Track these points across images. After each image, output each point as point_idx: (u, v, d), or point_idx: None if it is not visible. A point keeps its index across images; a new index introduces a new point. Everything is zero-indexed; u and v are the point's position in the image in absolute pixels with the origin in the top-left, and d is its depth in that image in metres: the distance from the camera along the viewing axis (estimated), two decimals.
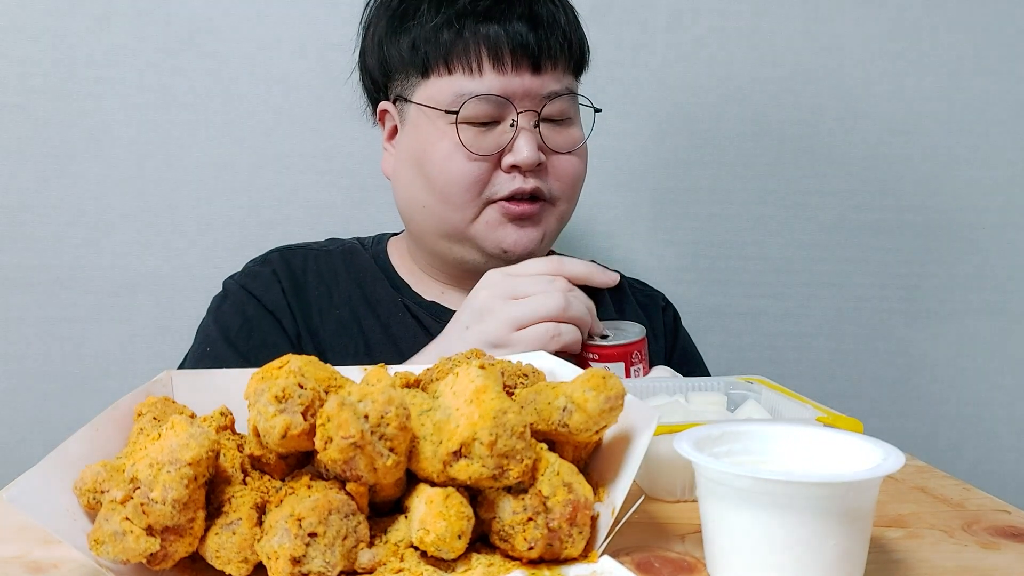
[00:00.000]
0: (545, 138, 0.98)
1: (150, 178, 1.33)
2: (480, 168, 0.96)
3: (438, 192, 0.98)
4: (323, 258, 1.10)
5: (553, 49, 0.97)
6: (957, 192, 1.48)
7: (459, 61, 0.96)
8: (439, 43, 0.96)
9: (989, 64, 1.46)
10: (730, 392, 0.77)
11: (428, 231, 1.03)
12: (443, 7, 0.97)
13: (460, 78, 0.96)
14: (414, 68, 0.99)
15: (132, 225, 1.33)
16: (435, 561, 0.51)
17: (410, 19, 0.98)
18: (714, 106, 1.43)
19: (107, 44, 1.30)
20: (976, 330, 1.50)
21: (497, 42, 0.95)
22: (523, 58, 0.95)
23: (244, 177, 1.35)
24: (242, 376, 0.53)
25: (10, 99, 1.29)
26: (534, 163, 0.96)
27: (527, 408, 0.55)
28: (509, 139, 0.96)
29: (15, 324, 1.32)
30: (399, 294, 1.07)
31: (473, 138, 0.96)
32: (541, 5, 0.98)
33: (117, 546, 0.47)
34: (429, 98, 0.98)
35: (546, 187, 0.98)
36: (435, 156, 0.98)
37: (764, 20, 1.42)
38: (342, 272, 1.08)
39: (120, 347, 1.34)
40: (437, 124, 0.97)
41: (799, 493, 0.48)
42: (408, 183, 1.02)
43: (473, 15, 0.95)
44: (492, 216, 0.98)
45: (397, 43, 1.00)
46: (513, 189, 0.96)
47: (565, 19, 1.00)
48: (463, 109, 0.95)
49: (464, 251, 1.02)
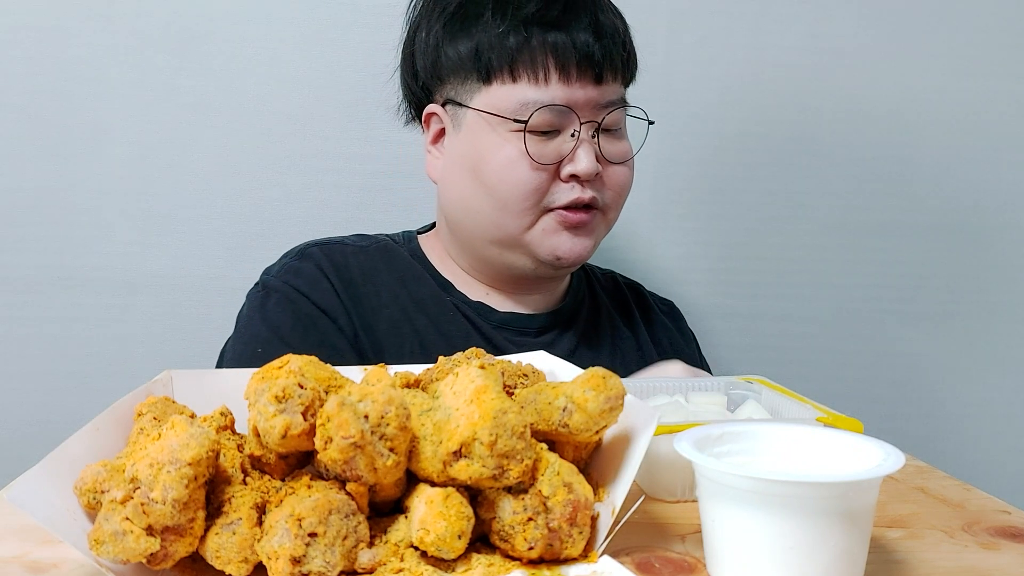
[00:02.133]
0: (601, 149, 0.98)
1: (150, 178, 1.33)
2: (540, 177, 0.96)
3: (496, 198, 0.97)
4: (361, 255, 1.07)
5: (614, 60, 0.97)
6: (957, 192, 1.48)
7: (525, 69, 0.95)
8: (505, 49, 0.95)
9: (990, 64, 1.46)
10: (730, 392, 0.77)
11: (479, 236, 1.01)
12: (509, 13, 0.95)
13: (525, 87, 0.95)
14: (475, 73, 0.97)
15: (132, 225, 1.33)
16: (435, 561, 0.51)
17: (472, 23, 0.97)
18: (715, 106, 1.42)
19: (107, 44, 1.30)
20: (976, 330, 1.50)
21: (564, 51, 0.94)
22: (587, 68, 0.95)
23: (245, 177, 1.35)
24: (242, 376, 0.53)
25: (10, 99, 1.29)
26: (593, 173, 0.96)
27: (527, 408, 0.55)
28: (570, 149, 0.96)
29: (15, 324, 1.32)
30: (446, 293, 1.05)
31: (536, 147, 0.95)
32: (604, 14, 0.98)
33: (117, 546, 0.47)
34: (491, 105, 0.97)
35: (600, 196, 0.99)
36: (495, 163, 0.96)
37: (765, 20, 1.42)
38: (383, 270, 1.06)
39: (120, 347, 1.34)
40: (499, 131, 0.96)
41: (799, 493, 0.48)
42: (460, 188, 1.01)
43: (540, 23, 0.94)
44: (548, 224, 0.98)
45: (456, 47, 0.98)
46: (572, 199, 0.96)
47: (623, 28, 1.00)
48: (531, 119, 0.94)
49: (515, 257, 1.01)
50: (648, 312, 1.17)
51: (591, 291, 1.14)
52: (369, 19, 1.33)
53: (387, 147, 1.35)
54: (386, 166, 1.35)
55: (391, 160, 1.35)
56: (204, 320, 1.34)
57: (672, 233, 1.43)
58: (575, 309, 1.10)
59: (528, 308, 1.07)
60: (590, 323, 1.10)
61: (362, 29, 1.33)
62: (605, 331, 1.10)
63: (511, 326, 1.05)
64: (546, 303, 1.08)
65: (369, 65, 1.31)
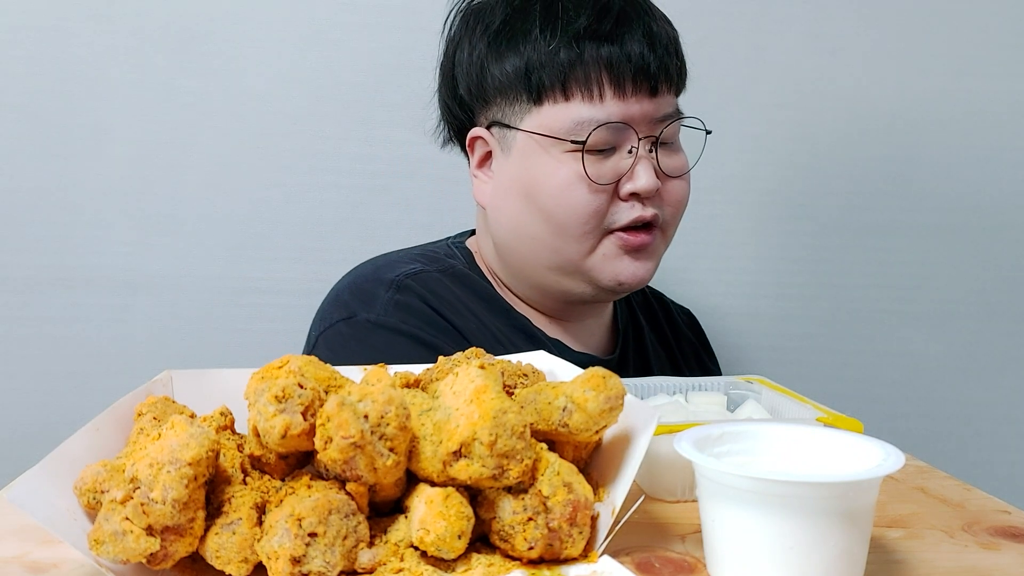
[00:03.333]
0: (661, 163, 0.94)
1: (150, 178, 1.33)
2: (600, 199, 0.92)
3: (555, 224, 0.93)
4: (449, 284, 1.00)
5: (670, 71, 0.93)
6: (957, 192, 1.48)
7: (577, 87, 0.91)
8: (556, 67, 0.90)
9: (990, 64, 1.46)
10: (730, 392, 0.77)
11: (536, 263, 0.97)
12: (560, 28, 0.91)
13: (578, 105, 0.91)
14: (524, 93, 0.93)
15: (132, 225, 1.33)
16: (435, 561, 0.51)
17: (520, 40, 0.92)
18: (714, 106, 1.42)
19: (107, 44, 1.30)
20: (976, 330, 1.50)
21: (619, 66, 0.90)
22: (643, 82, 0.91)
23: (245, 177, 1.35)
24: (242, 376, 0.53)
25: (10, 99, 1.29)
26: (654, 190, 0.92)
27: (527, 408, 0.55)
28: (628, 166, 0.92)
29: (15, 324, 1.32)
30: (535, 330, 1.01)
31: (593, 167, 0.91)
32: (657, 24, 0.94)
33: (117, 546, 0.47)
34: (543, 126, 0.92)
35: (661, 213, 0.95)
36: (551, 186, 0.92)
37: (765, 20, 1.42)
38: (473, 301, 1.00)
39: (120, 347, 1.34)
40: (553, 153, 0.92)
41: (799, 493, 0.48)
42: (513, 213, 0.96)
43: (593, 37, 0.90)
44: (609, 249, 0.94)
45: (502, 65, 0.93)
46: (633, 217, 0.92)
47: (675, 36, 0.96)
48: (589, 139, 0.91)
49: (574, 283, 0.97)
50: (676, 327, 1.16)
51: (634, 319, 1.11)
52: (369, 19, 1.33)
53: (387, 147, 1.35)
54: (386, 166, 1.35)
55: (391, 160, 1.35)
56: (204, 320, 1.34)
57: None
58: (625, 350, 1.07)
59: (588, 343, 1.04)
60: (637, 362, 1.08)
61: (362, 29, 1.33)
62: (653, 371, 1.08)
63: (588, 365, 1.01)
64: (603, 335, 1.06)
65: (369, 65, 1.31)
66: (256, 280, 1.33)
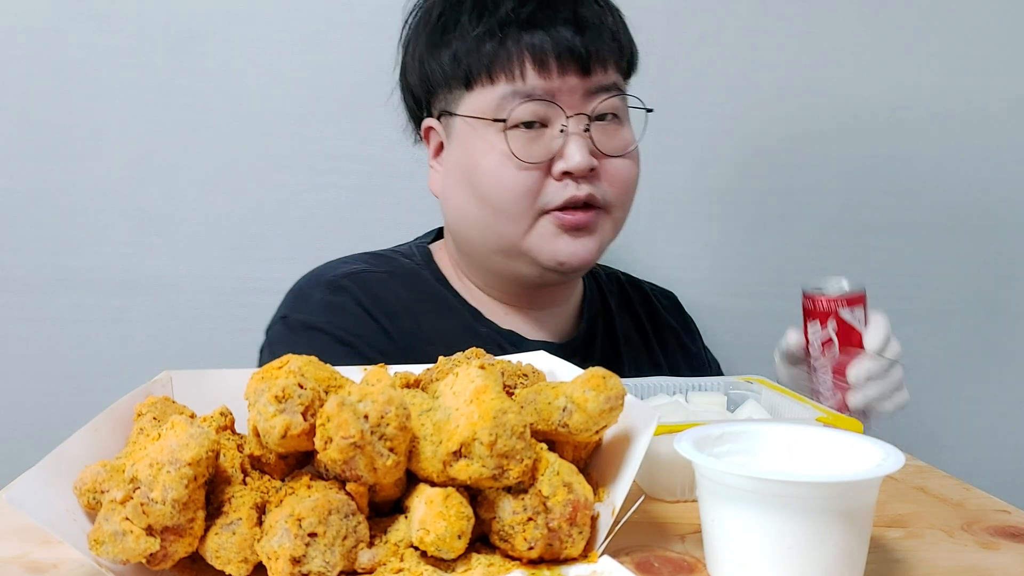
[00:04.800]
0: (596, 142, 0.94)
1: (150, 178, 1.33)
2: (531, 177, 0.92)
3: (490, 205, 0.94)
4: (394, 284, 1.01)
5: (601, 52, 0.93)
6: (957, 192, 1.48)
7: (502, 69, 0.92)
8: (481, 53, 0.93)
9: (989, 63, 1.46)
10: (730, 392, 0.77)
11: (482, 247, 0.98)
12: (484, 16, 0.93)
13: (503, 85, 0.92)
14: (457, 81, 0.95)
15: (132, 225, 1.33)
16: (435, 561, 0.51)
17: (450, 31, 0.95)
18: (714, 106, 1.42)
19: (106, 45, 1.30)
20: (976, 330, 1.50)
21: (541, 49, 0.91)
22: (570, 62, 0.92)
23: (244, 177, 1.34)
24: (242, 376, 0.53)
25: (10, 99, 1.29)
26: (586, 168, 0.92)
27: (527, 408, 0.55)
28: (559, 145, 0.92)
29: (15, 324, 1.32)
30: (477, 322, 1.01)
31: (522, 146, 0.92)
32: (587, 8, 0.94)
33: (117, 546, 0.47)
34: (474, 109, 0.94)
35: (600, 193, 0.94)
36: (485, 168, 0.93)
37: (764, 20, 1.42)
38: (418, 301, 1.01)
39: (119, 348, 1.34)
40: (484, 135, 0.94)
41: (799, 493, 0.48)
42: (459, 199, 0.98)
43: (516, 23, 0.92)
44: (546, 228, 0.94)
45: (438, 57, 0.96)
46: (567, 197, 0.92)
47: (612, 20, 0.96)
48: (510, 115, 0.92)
49: (520, 265, 0.97)
50: (654, 312, 1.16)
51: (604, 306, 1.11)
52: (368, 19, 1.33)
53: (386, 147, 1.34)
54: (385, 166, 1.35)
55: (390, 160, 1.34)
56: (203, 320, 1.34)
57: (672, 233, 1.43)
58: (590, 336, 1.07)
59: (551, 331, 1.04)
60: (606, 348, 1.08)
61: (361, 29, 1.33)
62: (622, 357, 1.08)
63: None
64: (565, 321, 1.06)
65: (368, 65, 1.31)
66: (255, 280, 1.33)
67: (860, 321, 0.94)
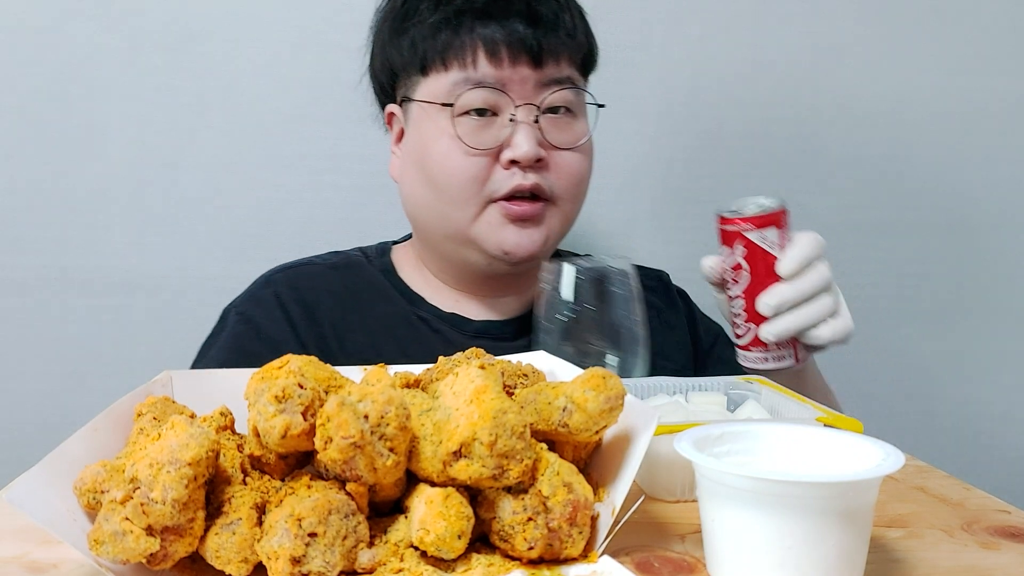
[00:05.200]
0: (546, 133, 0.95)
1: (149, 178, 1.33)
2: (478, 164, 0.94)
3: (438, 190, 0.96)
4: (330, 276, 1.05)
5: (554, 45, 0.95)
6: (957, 191, 1.48)
7: (455, 57, 0.95)
8: (436, 41, 0.95)
9: (989, 63, 1.46)
10: (730, 392, 0.77)
11: (433, 233, 1.01)
12: (441, 5, 0.96)
13: (455, 72, 0.95)
14: (414, 67, 0.98)
15: (132, 225, 1.33)
16: (435, 561, 0.51)
17: (410, 19, 0.98)
18: (714, 106, 1.42)
19: (105, 44, 1.30)
20: (976, 329, 1.50)
21: (494, 39, 0.94)
22: (521, 53, 0.94)
23: (244, 177, 1.34)
24: (242, 376, 0.53)
25: (9, 100, 1.29)
26: (533, 158, 0.94)
27: (527, 408, 0.55)
28: (508, 134, 0.94)
29: (14, 324, 1.32)
30: (418, 308, 1.04)
31: (471, 132, 0.94)
32: (542, 3, 0.96)
33: (117, 546, 0.47)
34: (428, 94, 0.97)
35: (547, 184, 0.96)
36: (435, 153, 0.96)
37: (764, 19, 1.42)
38: (351, 291, 1.04)
39: (119, 347, 1.34)
40: (436, 120, 0.96)
41: (799, 493, 0.48)
42: (413, 184, 1.01)
43: (471, 13, 0.94)
44: (493, 216, 0.96)
45: (399, 44, 0.99)
46: (512, 186, 0.94)
47: (570, 16, 0.98)
48: (459, 100, 0.94)
49: (468, 253, 1.00)
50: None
51: None
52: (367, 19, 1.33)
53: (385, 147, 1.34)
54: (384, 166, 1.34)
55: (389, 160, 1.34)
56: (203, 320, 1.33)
57: (672, 233, 1.43)
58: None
59: (502, 313, 1.06)
60: None
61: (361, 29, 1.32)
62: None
63: (488, 334, 1.03)
64: (520, 304, 1.06)
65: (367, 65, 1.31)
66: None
67: (774, 244, 0.84)
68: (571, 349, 0.81)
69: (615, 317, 0.81)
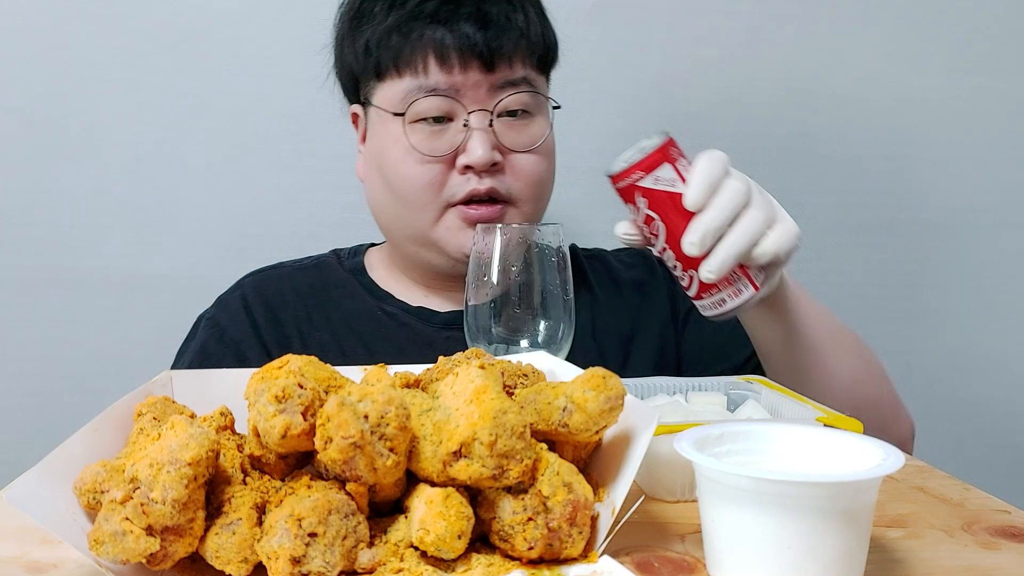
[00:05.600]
0: (502, 136, 0.96)
1: (149, 178, 1.33)
2: (434, 170, 0.95)
3: (397, 195, 0.98)
4: (298, 276, 1.08)
5: (505, 47, 0.95)
6: (956, 192, 1.48)
7: (407, 64, 0.95)
8: (389, 47, 0.95)
9: (987, 64, 1.46)
10: (730, 392, 0.77)
11: (397, 234, 1.03)
12: (393, 9, 0.96)
13: (408, 79, 0.95)
14: (369, 72, 0.98)
15: (132, 225, 1.33)
16: (435, 561, 0.51)
17: (365, 21, 0.98)
18: (713, 106, 1.43)
19: (105, 45, 1.30)
20: (975, 330, 1.50)
21: (443, 44, 0.93)
22: (471, 57, 0.94)
23: (243, 177, 1.35)
24: (242, 376, 0.53)
25: (10, 100, 1.29)
26: (487, 163, 0.94)
27: (527, 408, 0.55)
28: (463, 139, 0.95)
29: (15, 324, 1.32)
30: (384, 304, 1.05)
31: (425, 140, 0.95)
32: (492, 4, 0.95)
33: (117, 546, 0.47)
34: (383, 100, 0.98)
35: (504, 187, 0.96)
36: (391, 160, 0.97)
37: (763, 20, 1.42)
38: (319, 290, 1.06)
39: (120, 347, 1.34)
40: (391, 127, 0.97)
41: (799, 493, 0.48)
42: (375, 186, 1.02)
43: (421, 18, 0.94)
44: (452, 221, 0.97)
45: (355, 47, 0.99)
46: (468, 191, 0.95)
47: (522, 15, 0.97)
48: (410, 109, 0.94)
49: (431, 255, 1.01)
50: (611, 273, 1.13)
51: None
52: None
53: None
54: None
55: None
56: None
57: None
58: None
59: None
60: None
61: None
62: None
63: (456, 324, 1.02)
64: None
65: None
66: None
67: (674, 182, 0.75)
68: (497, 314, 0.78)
69: (544, 283, 0.78)
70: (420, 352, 1.00)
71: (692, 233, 0.73)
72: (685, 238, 0.74)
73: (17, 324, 1.32)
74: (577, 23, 1.37)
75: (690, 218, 0.74)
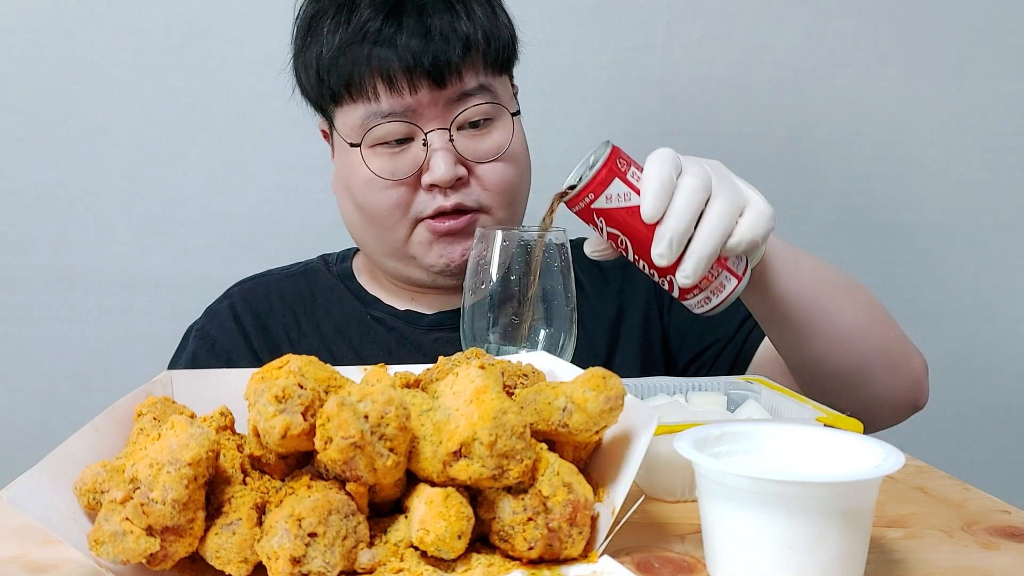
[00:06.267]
0: (464, 149, 0.94)
1: (150, 178, 1.33)
2: (399, 192, 0.95)
3: (367, 216, 0.98)
4: (285, 284, 1.08)
5: (452, 60, 0.91)
6: (956, 193, 1.48)
7: (358, 90, 0.93)
8: (338, 72, 0.93)
9: (987, 66, 1.46)
10: (730, 392, 0.77)
11: (373, 250, 1.02)
12: (340, 30, 0.93)
13: (363, 106, 0.93)
14: (326, 97, 0.97)
15: (132, 225, 1.33)
16: (435, 561, 0.51)
17: (314, 42, 0.95)
18: (713, 108, 1.43)
19: (106, 45, 1.30)
20: (975, 330, 1.50)
21: (388, 67, 0.91)
22: (420, 76, 0.91)
23: (244, 177, 1.35)
24: (242, 376, 0.53)
25: (9, 100, 1.29)
26: (451, 180, 0.93)
27: (527, 408, 0.55)
28: (424, 158, 0.93)
29: (16, 324, 1.32)
30: (372, 309, 1.05)
31: (387, 163, 0.94)
32: (434, 16, 0.92)
33: (117, 546, 0.47)
34: (342, 125, 0.97)
35: (472, 199, 0.95)
36: (355, 184, 0.97)
37: (764, 22, 1.42)
38: (307, 296, 1.06)
39: (120, 347, 1.34)
40: (351, 153, 0.96)
41: (799, 493, 0.48)
42: (346, 204, 1.02)
43: (366, 40, 0.91)
44: (423, 235, 0.97)
45: (307, 71, 0.98)
46: (434, 208, 0.94)
47: (467, 23, 0.93)
48: (367, 135, 0.93)
49: (410, 269, 1.00)
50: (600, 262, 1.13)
51: None
52: None
53: None
54: None
55: None
56: None
57: None
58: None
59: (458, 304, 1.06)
60: None
61: None
62: None
63: (444, 325, 1.03)
64: None
65: None
66: None
67: (628, 195, 0.72)
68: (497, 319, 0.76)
69: (545, 289, 0.76)
70: (409, 355, 1.00)
71: (658, 244, 0.70)
72: (653, 250, 0.71)
73: (18, 324, 1.32)
74: (577, 24, 1.37)
75: (652, 229, 0.71)
